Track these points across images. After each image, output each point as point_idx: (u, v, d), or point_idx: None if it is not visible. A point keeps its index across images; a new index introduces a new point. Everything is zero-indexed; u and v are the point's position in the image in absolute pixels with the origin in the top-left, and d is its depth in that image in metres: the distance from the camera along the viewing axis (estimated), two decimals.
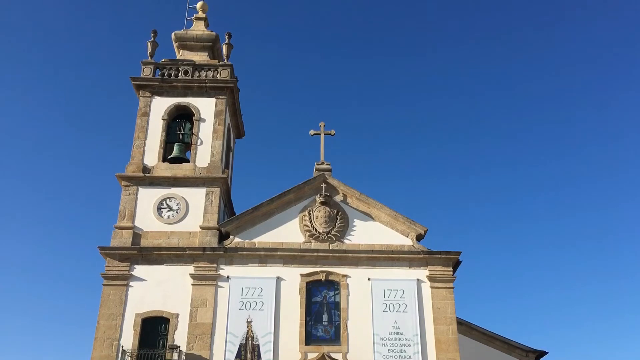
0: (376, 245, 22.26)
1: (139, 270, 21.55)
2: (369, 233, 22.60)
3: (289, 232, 22.54)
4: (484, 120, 64.52)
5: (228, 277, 21.52)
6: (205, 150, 23.92)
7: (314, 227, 22.42)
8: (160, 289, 21.31)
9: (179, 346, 20.34)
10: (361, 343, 20.69)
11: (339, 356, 20.53)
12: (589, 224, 59.41)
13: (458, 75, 65.22)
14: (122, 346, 20.35)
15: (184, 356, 20.29)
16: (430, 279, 21.76)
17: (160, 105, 24.59)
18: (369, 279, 21.67)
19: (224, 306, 21.07)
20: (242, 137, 29.31)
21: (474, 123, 64.12)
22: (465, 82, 65.39)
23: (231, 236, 22.38)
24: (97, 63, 62.81)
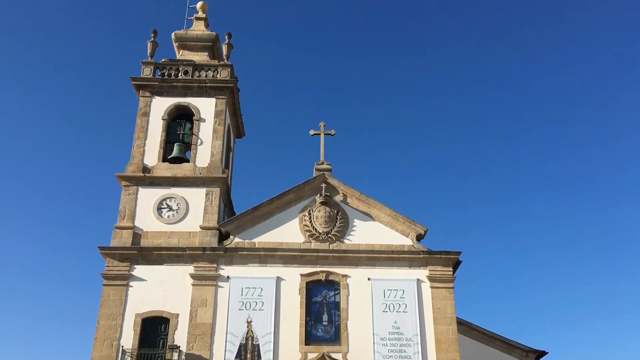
0: (376, 245, 22.26)
1: (139, 270, 21.56)
2: (369, 233, 22.60)
3: (289, 232, 22.54)
4: (484, 120, 64.59)
5: (228, 277, 21.52)
6: (205, 150, 23.92)
7: (314, 227, 22.42)
8: (160, 289, 21.31)
9: (179, 346, 20.34)
10: (361, 343, 20.69)
11: (339, 356, 20.53)
12: (589, 224, 59.49)
13: (458, 75, 65.31)
14: (122, 346, 20.35)
15: (184, 356, 20.29)
16: (430, 279, 21.76)
17: (160, 105, 24.60)
18: (369, 279, 21.67)
19: (224, 306, 21.07)
20: (242, 137, 29.32)
21: (474, 123, 64.20)
22: (465, 82, 65.47)
23: (231, 236, 22.38)
24: (97, 63, 62.92)
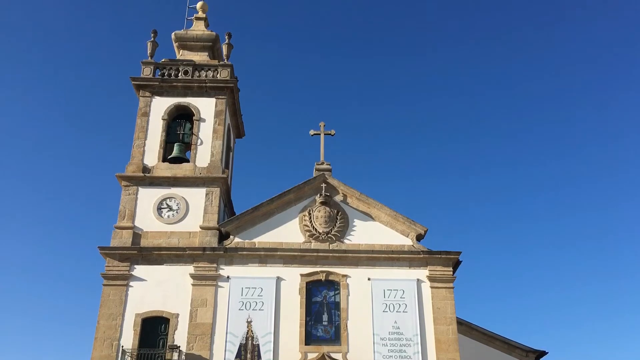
0: (376, 245, 22.26)
1: (139, 270, 21.56)
2: (369, 233, 22.59)
3: (289, 232, 22.54)
4: (484, 120, 64.60)
5: (228, 277, 21.52)
6: (205, 150, 23.92)
7: (314, 227, 22.42)
8: (160, 289, 21.31)
9: (179, 346, 20.34)
10: (361, 343, 20.69)
11: (339, 356, 20.53)
12: (589, 224, 59.49)
13: (458, 75, 65.31)
14: (122, 346, 20.35)
15: (184, 356, 20.29)
16: (430, 279, 21.76)
17: (160, 105, 24.60)
18: (369, 279, 21.67)
19: (224, 306, 21.06)
20: (242, 137, 29.32)
21: (474, 123, 64.21)
22: (465, 82, 65.47)
23: (231, 236, 22.37)
24: (97, 63, 62.92)
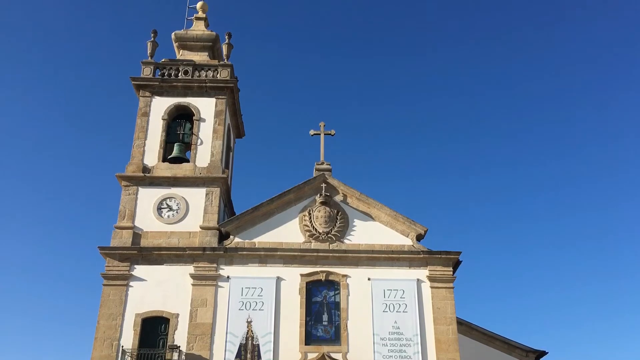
0: (376, 245, 22.26)
1: (139, 270, 21.56)
2: (369, 233, 22.59)
3: (289, 232, 22.54)
4: (484, 120, 64.61)
5: (228, 277, 21.52)
6: (205, 150, 23.92)
7: (314, 227, 22.42)
8: (160, 289, 21.31)
9: (179, 346, 20.34)
10: (361, 343, 20.69)
11: (339, 356, 20.53)
12: (589, 224, 59.50)
13: (458, 75, 65.32)
14: (122, 346, 20.35)
15: (184, 356, 20.29)
16: (430, 279, 21.76)
17: (160, 105, 24.60)
18: (369, 279, 21.67)
19: (224, 306, 21.06)
20: (242, 137, 29.32)
21: (474, 123, 64.21)
22: (465, 82, 65.48)
23: (231, 236, 22.37)
24: (97, 63, 62.93)
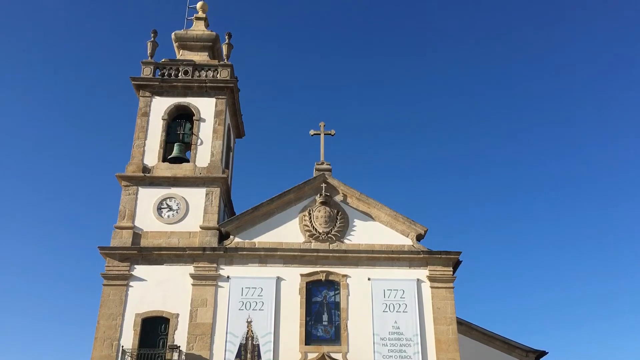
0: (376, 245, 22.26)
1: (139, 270, 21.56)
2: (369, 233, 22.59)
3: (289, 232, 22.54)
4: (484, 120, 64.62)
5: (228, 277, 21.52)
6: (205, 150, 23.92)
7: (314, 227, 22.42)
8: (160, 289, 21.31)
9: (179, 346, 20.34)
10: (361, 343, 20.68)
11: (339, 356, 20.53)
12: (589, 224, 59.50)
13: (458, 75, 65.32)
14: (122, 346, 20.35)
15: (184, 356, 20.29)
16: (430, 279, 21.76)
17: (160, 105, 24.60)
18: (369, 279, 21.66)
19: (224, 306, 21.06)
20: (242, 137, 29.32)
21: (474, 123, 64.22)
22: (465, 82, 65.49)
23: (231, 236, 22.37)
24: (97, 63, 62.94)
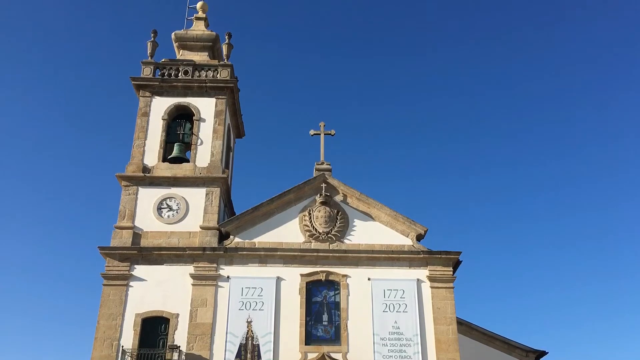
0: (376, 245, 22.26)
1: (139, 270, 21.56)
2: (369, 233, 22.59)
3: (289, 232, 22.54)
4: (484, 120, 64.62)
5: (228, 277, 21.52)
6: (205, 150, 23.92)
7: (314, 227, 22.42)
8: (160, 289, 21.31)
9: (179, 346, 20.34)
10: (361, 343, 20.68)
11: (339, 356, 20.53)
12: (589, 224, 59.50)
13: (458, 75, 65.32)
14: (122, 346, 20.35)
15: (184, 356, 20.29)
16: (430, 279, 21.76)
17: (160, 105, 24.60)
18: (369, 279, 21.66)
19: (224, 306, 21.06)
20: (242, 137, 29.32)
21: (474, 123, 64.23)
22: (465, 82, 65.49)
23: (231, 236, 22.37)
24: (97, 63, 62.94)
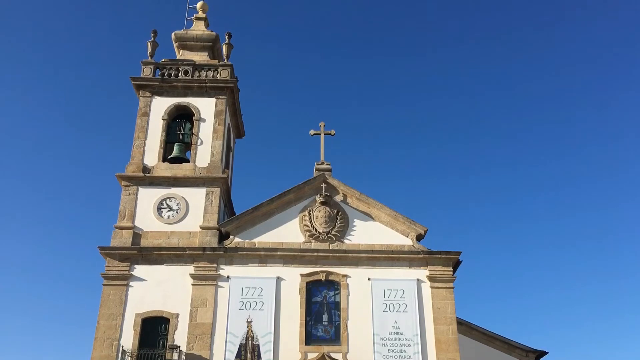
0: (376, 245, 22.25)
1: (139, 270, 21.56)
2: (369, 233, 22.59)
3: (289, 232, 22.54)
4: (484, 120, 64.62)
5: (228, 277, 21.52)
6: (205, 150, 23.91)
7: (314, 227, 22.42)
8: (160, 289, 21.31)
9: (179, 346, 20.34)
10: (361, 343, 20.68)
11: (339, 356, 20.53)
12: (589, 224, 59.50)
13: (458, 75, 65.33)
14: (122, 346, 20.35)
15: (184, 356, 20.29)
16: (430, 279, 21.75)
17: (160, 105, 24.60)
18: (369, 279, 21.66)
19: (224, 306, 21.06)
20: (242, 137, 29.32)
21: (474, 123, 64.23)
22: (465, 82, 65.49)
23: (231, 236, 22.37)
24: (97, 63, 62.95)
